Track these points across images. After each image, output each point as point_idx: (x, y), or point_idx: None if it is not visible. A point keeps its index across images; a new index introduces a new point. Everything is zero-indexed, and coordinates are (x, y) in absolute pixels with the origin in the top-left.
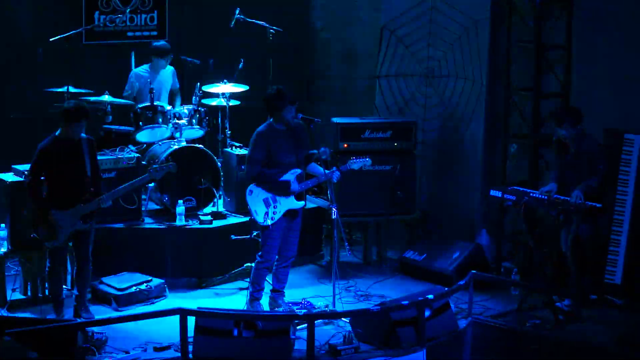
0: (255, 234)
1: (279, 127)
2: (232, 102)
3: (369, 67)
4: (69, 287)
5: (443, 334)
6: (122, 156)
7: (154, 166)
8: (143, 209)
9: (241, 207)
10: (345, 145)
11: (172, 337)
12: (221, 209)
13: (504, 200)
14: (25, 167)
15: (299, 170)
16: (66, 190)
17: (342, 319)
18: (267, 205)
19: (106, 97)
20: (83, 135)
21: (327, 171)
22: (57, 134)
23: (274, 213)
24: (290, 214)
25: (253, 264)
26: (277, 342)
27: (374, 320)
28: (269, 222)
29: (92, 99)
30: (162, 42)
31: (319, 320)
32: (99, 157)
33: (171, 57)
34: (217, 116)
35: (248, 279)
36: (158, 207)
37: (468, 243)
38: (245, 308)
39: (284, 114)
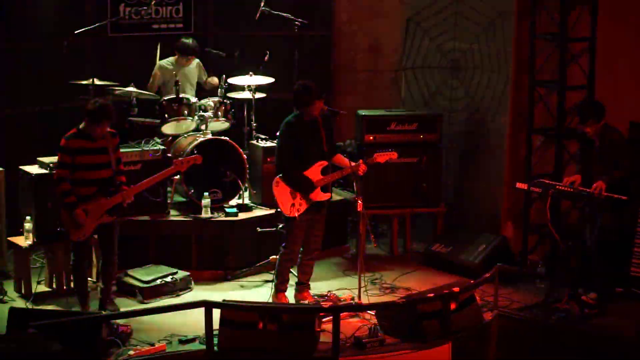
0: (280, 226)
1: (306, 119)
2: (258, 95)
3: (394, 59)
4: (95, 280)
5: (469, 326)
6: (147, 148)
7: (179, 158)
8: (168, 201)
9: (267, 200)
10: (371, 137)
11: (197, 329)
12: (247, 201)
13: (530, 192)
14: (50, 159)
15: (325, 163)
16: (91, 183)
17: (368, 311)
18: (294, 196)
19: (132, 89)
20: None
21: (352, 163)
22: (81, 127)
23: (300, 205)
24: (316, 206)
25: (278, 256)
26: (302, 334)
27: (399, 313)
28: (295, 213)
29: (118, 90)
30: (188, 40)
31: (344, 313)
32: (124, 149)
33: (195, 55)
34: (243, 108)
35: (273, 272)
36: (184, 199)
37: (494, 236)
38: (270, 300)
39: (311, 109)
